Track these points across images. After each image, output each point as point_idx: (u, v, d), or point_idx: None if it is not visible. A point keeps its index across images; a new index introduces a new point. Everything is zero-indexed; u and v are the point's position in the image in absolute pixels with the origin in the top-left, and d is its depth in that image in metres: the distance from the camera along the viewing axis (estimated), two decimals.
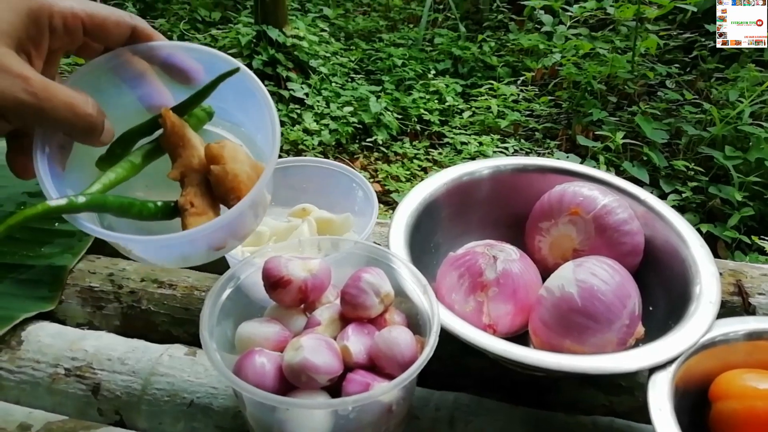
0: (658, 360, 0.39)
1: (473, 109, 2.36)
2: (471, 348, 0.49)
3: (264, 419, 0.39)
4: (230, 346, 0.42)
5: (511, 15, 2.85)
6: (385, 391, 0.36)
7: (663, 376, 0.38)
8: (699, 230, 1.75)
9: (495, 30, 2.84)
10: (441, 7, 2.99)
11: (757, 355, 0.42)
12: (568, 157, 1.96)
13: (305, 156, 2.17)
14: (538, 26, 2.67)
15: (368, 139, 2.27)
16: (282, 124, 2.33)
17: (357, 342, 0.39)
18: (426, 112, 2.40)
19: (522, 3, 2.62)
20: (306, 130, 2.32)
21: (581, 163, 1.98)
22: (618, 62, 2.21)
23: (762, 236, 1.59)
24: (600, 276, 0.42)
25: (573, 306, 0.42)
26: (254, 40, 2.47)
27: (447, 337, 0.41)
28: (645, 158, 1.94)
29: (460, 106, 2.43)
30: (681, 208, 1.84)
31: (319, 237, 0.53)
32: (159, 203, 0.39)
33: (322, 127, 2.35)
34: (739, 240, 1.67)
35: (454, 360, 0.51)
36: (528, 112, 2.34)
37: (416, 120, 2.36)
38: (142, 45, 0.38)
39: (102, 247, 0.61)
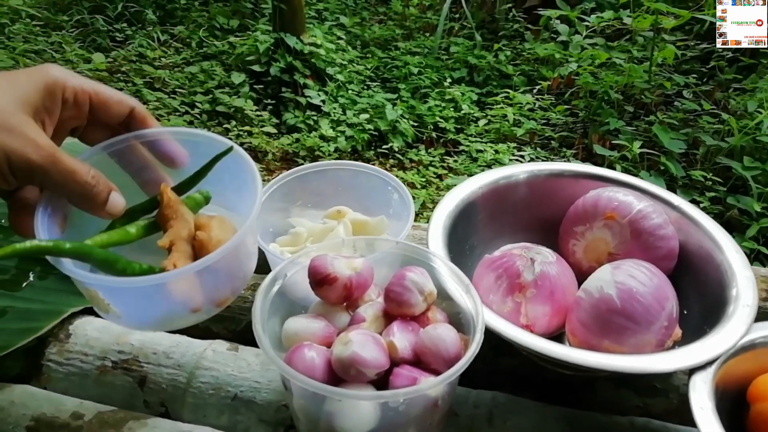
0: (698, 361, 0.39)
1: (489, 117, 2.37)
2: (503, 349, 0.50)
3: (312, 411, 0.40)
4: (276, 342, 0.43)
5: (526, 24, 2.86)
6: (433, 385, 0.37)
7: (703, 377, 0.39)
8: None
9: (511, 39, 2.86)
10: (457, 16, 3.02)
11: None
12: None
13: (321, 160, 2.19)
14: (554, 36, 2.69)
15: (384, 146, 2.29)
16: (298, 130, 2.36)
17: (402, 338, 0.40)
18: (441, 120, 2.41)
19: (538, 13, 2.64)
20: (322, 137, 2.34)
21: None
22: (635, 72, 2.22)
23: None
24: (638, 278, 0.43)
25: (612, 307, 0.43)
26: (272, 48, 2.50)
27: (483, 336, 0.42)
28: (662, 168, 1.94)
29: (475, 114, 2.44)
30: None
31: (361, 237, 0.54)
32: (144, 265, 0.41)
33: (339, 134, 2.37)
34: (758, 251, 1.66)
35: (487, 360, 0.52)
36: (544, 121, 2.34)
37: (432, 127, 2.38)
38: (134, 133, 0.43)
39: None
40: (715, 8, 2.12)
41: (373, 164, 2.41)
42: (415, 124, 2.40)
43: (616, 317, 0.43)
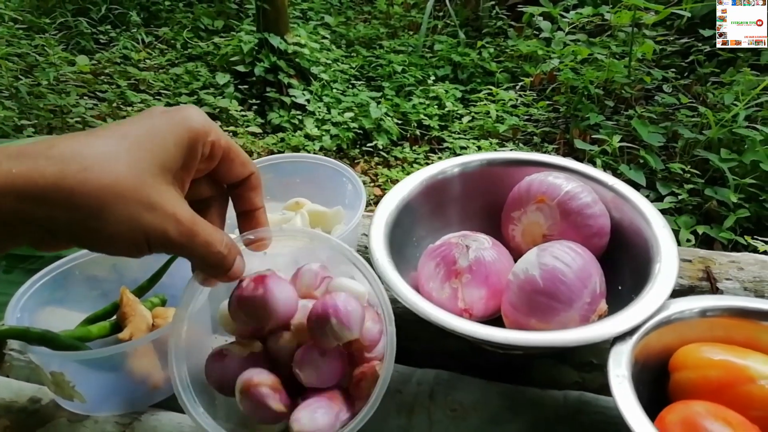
0: (610, 332, 0.41)
1: (472, 114, 2.40)
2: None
3: None
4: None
5: (510, 22, 2.89)
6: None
7: (622, 348, 0.41)
8: (695, 232, 1.77)
9: (494, 36, 2.88)
10: (441, 14, 3.04)
11: (714, 331, 0.44)
12: None
13: None
14: (537, 32, 2.71)
15: (369, 144, 2.31)
16: (283, 129, 2.37)
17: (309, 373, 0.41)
18: (426, 118, 2.44)
19: (521, 10, 2.66)
20: (307, 136, 2.36)
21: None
22: (615, 67, 2.24)
23: (755, 236, 1.61)
24: (562, 258, 0.45)
25: (536, 287, 0.45)
26: (256, 48, 2.52)
27: (426, 321, 0.44)
28: (642, 161, 1.97)
29: (459, 112, 2.46)
30: (677, 210, 1.86)
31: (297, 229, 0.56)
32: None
33: (324, 133, 2.39)
34: (735, 241, 1.69)
35: (435, 341, 0.54)
36: (526, 117, 2.37)
37: (416, 125, 2.40)
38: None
39: None
40: (692, 3, 2.15)
41: (358, 162, 2.42)
42: (400, 121, 2.42)
43: (540, 297, 0.45)
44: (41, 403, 0.47)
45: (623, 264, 0.51)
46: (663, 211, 1.80)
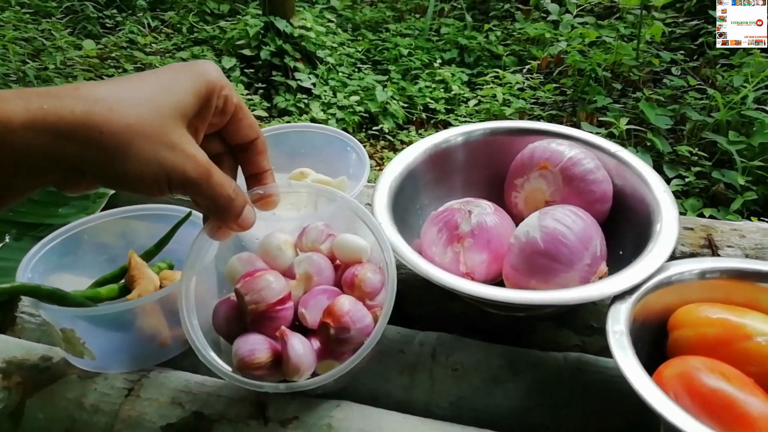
0: (609, 291, 0.42)
1: (479, 97, 2.39)
2: (451, 294, 0.53)
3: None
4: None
5: (517, 5, 2.86)
6: (312, 384, 0.40)
7: (621, 306, 0.42)
8: (702, 215, 1.77)
9: (501, 20, 2.86)
10: None
11: (714, 292, 0.45)
12: None
13: None
14: (545, 15, 2.69)
15: (374, 128, 2.31)
16: (289, 113, 2.38)
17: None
18: (432, 101, 2.43)
19: None
20: (313, 120, 2.36)
21: None
22: (623, 49, 2.22)
23: (762, 218, 1.60)
24: (562, 221, 0.46)
25: (536, 249, 0.46)
26: (262, 32, 2.51)
27: (430, 284, 0.45)
28: (649, 144, 1.96)
29: (465, 95, 2.45)
30: (684, 193, 1.86)
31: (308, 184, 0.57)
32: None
33: (329, 117, 2.39)
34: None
35: (439, 304, 0.55)
36: (533, 100, 2.36)
37: (422, 109, 2.40)
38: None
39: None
40: None
41: (364, 145, 2.43)
42: (406, 105, 2.42)
43: (541, 258, 0.45)
44: (52, 361, 0.48)
45: (625, 229, 0.52)
46: None
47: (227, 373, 0.40)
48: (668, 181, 1.89)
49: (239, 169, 0.42)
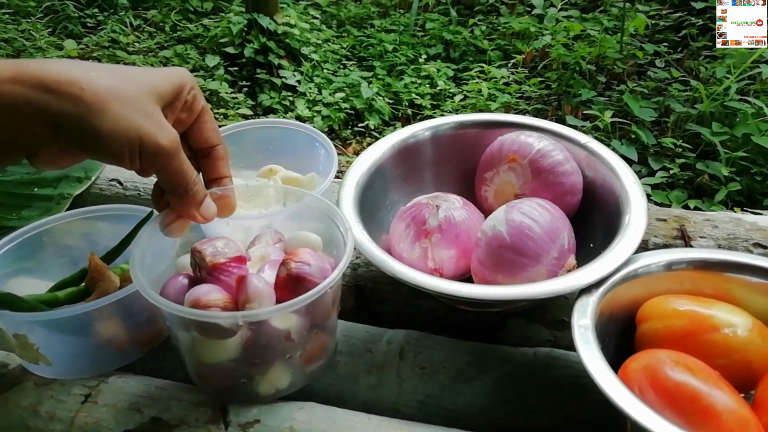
0: (573, 285, 0.41)
1: (464, 92, 2.38)
2: (421, 292, 0.52)
3: (185, 342, 0.42)
4: None
5: None
6: (272, 311, 0.38)
7: (588, 300, 0.41)
8: (687, 207, 1.77)
9: (486, 14, 2.85)
10: None
11: (683, 284, 0.44)
12: None
13: None
14: (529, 9, 2.69)
15: (360, 125, 2.29)
16: (274, 111, 2.36)
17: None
18: (417, 97, 2.41)
19: None
20: (299, 117, 2.34)
21: None
22: (607, 42, 2.22)
23: (745, 209, 1.60)
24: (529, 215, 0.45)
25: (503, 243, 0.45)
26: (245, 29, 2.49)
27: (399, 281, 0.44)
28: (633, 136, 1.96)
29: (451, 90, 2.44)
30: (669, 185, 1.86)
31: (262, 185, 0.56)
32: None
33: (315, 114, 2.37)
34: None
35: (408, 302, 0.54)
36: (519, 95, 2.35)
37: (408, 104, 2.38)
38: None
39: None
40: None
41: (350, 143, 2.42)
42: (391, 101, 2.40)
43: (507, 253, 0.44)
44: (8, 368, 0.47)
45: (595, 222, 0.51)
46: (655, 186, 1.81)
47: (178, 307, 0.37)
48: (653, 173, 1.89)
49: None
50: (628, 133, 1.98)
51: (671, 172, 1.84)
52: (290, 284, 0.39)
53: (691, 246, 0.54)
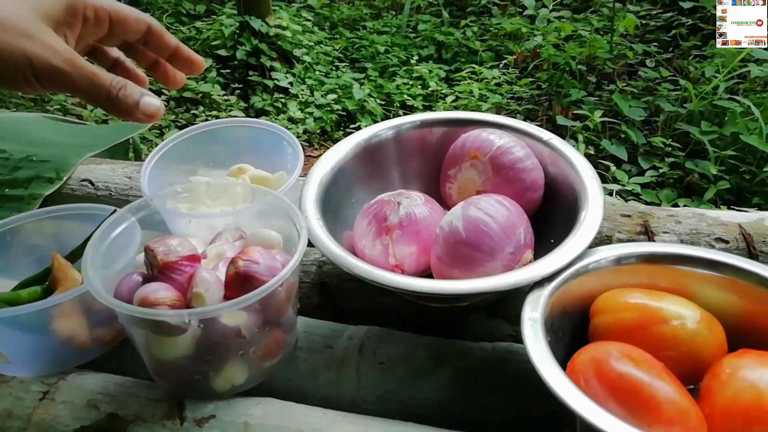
0: (523, 279, 0.41)
1: (456, 93, 2.38)
2: (384, 288, 0.52)
3: (139, 341, 0.42)
4: None
5: (494, 0, 2.87)
6: (218, 309, 0.38)
7: (540, 293, 0.41)
8: (676, 205, 1.78)
9: (479, 15, 2.86)
10: None
11: (640, 278, 0.44)
12: None
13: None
14: (521, 10, 2.69)
15: (352, 126, 2.30)
16: (266, 113, 2.36)
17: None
18: (409, 98, 2.42)
19: None
20: (291, 119, 2.35)
21: None
22: (598, 43, 2.23)
23: (732, 206, 1.61)
24: (486, 210, 0.45)
25: (458, 238, 0.45)
26: (237, 31, 2.50)
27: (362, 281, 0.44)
28: (623, 136, 1.96)
29: (443, 91, 2.45)
30: (659, 184, 1.86)
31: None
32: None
33: (307, 116, 2.37)
34: None
35: (373, 299, 0.54)
36: (510, 95, 2.36)
37: (399, 106, 2.39)
38: None
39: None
40: None
41: None
42: (383, 102, 2.41)
43: (463, 248, 0.45)
44: None
45: (556, 217, 0.51)
46: (645, 185, 1.81)
47: (124, 305, 0.38)
48: (643, 172, 1.89)
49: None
50: (618, 132, 1.98)
51: (661, 171, 1.84)
52: (238, 282, 0.39)
53: (654, 241, 0.55)
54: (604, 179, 1.87)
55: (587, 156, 1.92)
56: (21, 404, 0.44)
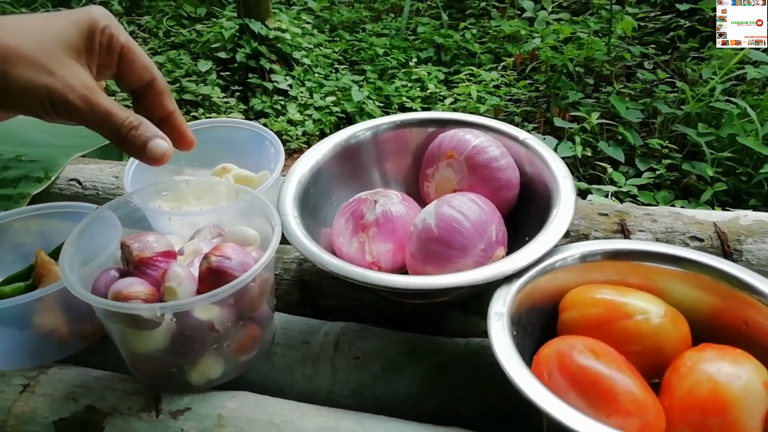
0: (490, 275, 0.42)
1: (455, 95, 2.39)
2: (362, 285, 0.53)
3: (116, 336, 0.43)
4: None
5: (494, 2, 2.88)
6: (190, 302, 0.39)
7: (507, 289, 0.42)
8: (673, 206, 1.78)
9: (478, 17, 2.87)
10: None
11: (609, 275, 0.44)
12: (545, 138, 1.98)
13: (290, 144, 2.22)
14: (520, 12, 2.70)
15: None
16: (266, 115, 2.38)
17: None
18: (408, 100, 2.43)
19: None
20: (290, 121, 2.36)
21: (557, 144, 2.00)
22: (595, 45, 2.23)
23: (727, 208, 1.61)
24: (458, 208, 0.46)
25: (431, 235, 0.46)
26: (237, 34, 2.52)
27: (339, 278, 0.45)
28: (621, 137, 1.96)
29: (442, 93, 2.46)
30: (656, 186, 1.86)
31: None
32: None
33: (306, 118, 2.39)
34: None
35: (351, 296, 0.55)
36: (508, 97, 2.36)
37: (398, 108, 2.40)
38: None
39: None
40: None
41: None
42: (382, 104, 2.42)
43: (435, 245, 0.45)
44: None
45: (531, 215, 0.52)
46: (642, 187, 1.82)
47: (98, 299, 0.39)
48: (640, 173, 1.90)
49: None
50: (615, 134, 1.98)
51: (658, 172, 1.84)
52: (210, 277, 0.40)
53: (629, 239, 0.55)
54: (601, 181, 1.87)
55: (584, 158, 1.93)
56: (2, 396, 0.45)
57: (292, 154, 2.22)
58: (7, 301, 0.44)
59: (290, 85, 2.49)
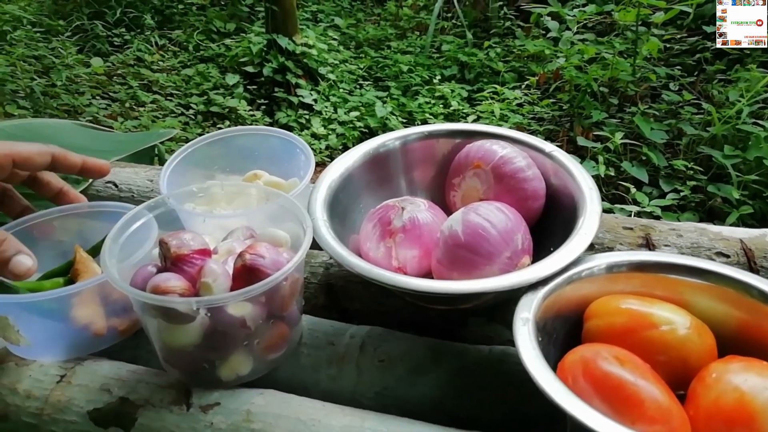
0: (517, 282, 0.43)
1: (477, 113, 2.41)
2: (389, 290, 0.54)
3: (151, 329, 0.44)
4: None
5: (518, 22, 2.90)
6: (225, 297, 0.40)
7: (533, 296, 0.42)
8: (678, 221, 1.75)
9: (502, 37, 2.89)
10: (449, 15, 3.06)
11: (635, 286, 0.45)
12: None
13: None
14: (545, 32, 2.72)
15: None
16: (291, 128, 2.42)
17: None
18: (431, 116, 2.46)
19: (529, 10, 2.67)
20: (314, 135, 2.40)
21: (581, 163, 2.00)
22: (620, 65, 2.23)
23: None
24: (485, 216, 0.47)
25: (458, 242, 0.47)
26: (265, 49, 2.57)
27: (367, 280, 0.46)
28: (645, 158, 1.96)
29: (465, 111, 2.48)
30: (681, 207, 1.84)
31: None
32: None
33: (330, 132, 2.42)
34: None
35: (377, 300, 0.56)
36: (531, 116, 2.37)
37: (421, 124, 2.42)
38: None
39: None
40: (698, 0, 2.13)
41: None
42: (405, 120, 2.45)
43: (461, 251, 0.46)
44: None
45: (557, 226, 0.53)
46: (666, 208, 1.80)
47: (137, 291, 0.40)
48: (664, 195, 1.88)
49: None
50: (639, 154, 1.98)
51: (682, 194, 1.83)
52: (245, 274, 0.41)
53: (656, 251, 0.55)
54: (624, 201, 1.86)
55: (607, 177, 1.92)
56: (39, 386, 0.46)
57: (316, 167, 2.25)
58: (46, 293, 0.46)
59: (315, 100, 2.53)
